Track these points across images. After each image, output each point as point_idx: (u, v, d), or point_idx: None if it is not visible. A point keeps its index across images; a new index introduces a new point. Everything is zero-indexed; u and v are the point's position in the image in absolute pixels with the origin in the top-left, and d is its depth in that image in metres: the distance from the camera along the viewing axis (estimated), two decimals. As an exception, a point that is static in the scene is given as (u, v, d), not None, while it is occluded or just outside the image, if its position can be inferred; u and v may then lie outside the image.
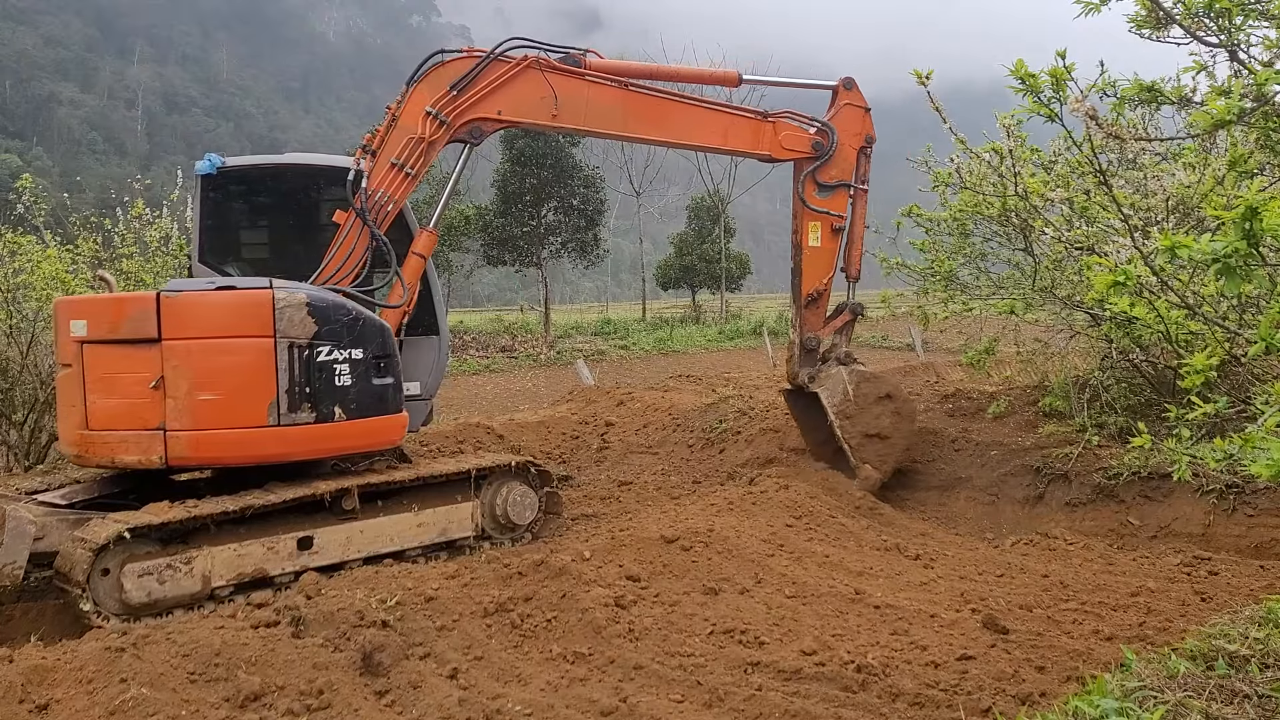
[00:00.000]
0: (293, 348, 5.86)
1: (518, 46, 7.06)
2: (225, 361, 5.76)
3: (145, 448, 5.70)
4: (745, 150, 7.80)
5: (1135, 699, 3.06)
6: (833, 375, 7.75)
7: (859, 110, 7.80)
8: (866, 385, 7.76)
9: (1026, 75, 3.82)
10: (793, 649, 4.54)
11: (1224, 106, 3.17)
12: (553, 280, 36.76)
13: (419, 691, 4.24)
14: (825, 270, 7.85)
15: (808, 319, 7.90)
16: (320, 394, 5.97)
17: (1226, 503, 6.51)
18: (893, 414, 7.72)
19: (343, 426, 6.08)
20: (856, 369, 7.84)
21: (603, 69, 7.23)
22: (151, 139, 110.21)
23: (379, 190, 6.63)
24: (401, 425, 6.50)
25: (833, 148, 7.67)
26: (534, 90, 6.99)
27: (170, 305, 5.73)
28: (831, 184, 7.74)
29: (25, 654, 4.45)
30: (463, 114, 6.82)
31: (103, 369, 5.82)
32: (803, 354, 7.90)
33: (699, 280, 38.46)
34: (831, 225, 7.78)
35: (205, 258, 7.07)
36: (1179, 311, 4.19)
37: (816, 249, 7.78)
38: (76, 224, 11.37)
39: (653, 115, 7.38)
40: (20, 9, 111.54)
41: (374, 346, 6.21)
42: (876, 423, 7.66)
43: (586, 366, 19.00)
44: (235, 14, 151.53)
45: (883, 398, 7.74)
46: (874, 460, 7.63)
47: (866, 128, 7.83)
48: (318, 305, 5.99)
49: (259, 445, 5.83)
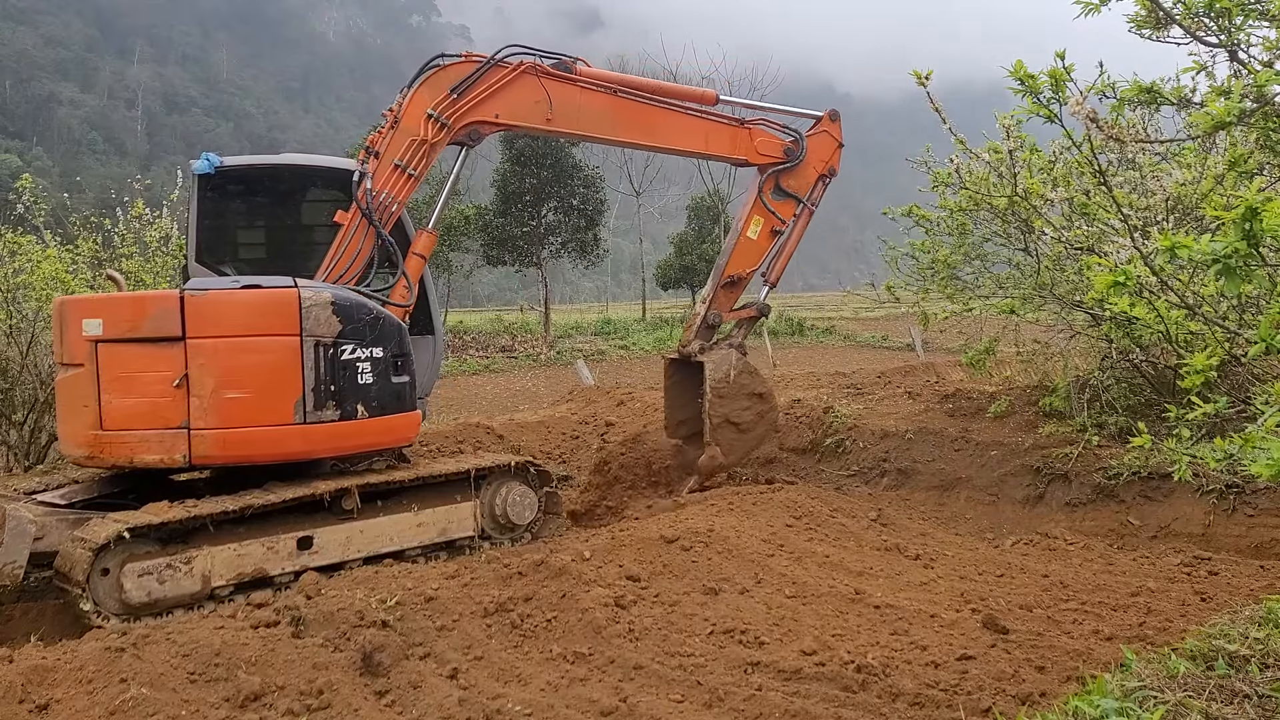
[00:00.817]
0: (318, 346, 5.93)
1: (516, 53, 7.21)
2: (252, 360, 5.80)
3: (168, 446, 5.72)
4: (724, 155, 8.18)
5: (1135, 699, 3.06)
6: (724, 354, 8.04)
7: (833, 142, 8.31)
8: (746, 377, 8.07)
9: (1026, 76, 3.82)
10: (793, 649, 4.54)
11: (1224, 107, 3.17)
12: (553, 280, 36.76)
13: (419, 691, 4.24)
14: (752, 262, 8.23)
15: (719, 298, 8.20)
16: (344, 392, 6.04)
17: (1226, 503, 6.51)
18: (758, 413, 8.06)
19: (365, 424, 6.16)
20: (745, 360, 8.15)
21: (592, 76, 7.46)
22: (151, 139, 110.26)
23: (383, 191, 6.70)
24: (416, 422, 6.58)
25: (801, 155, 8.12)
26: (530, 95, 7.15)
27: (195, 304, 5.75)
28: (788, 191, 8.18)
29: (25, 654, 4.45)
30: (462, 116, 6.92)
31: (120, 368, 5.80)
32: (702, 328, 8.18)
33: (699, 280, 38.38)
34: (772, 226, 8.18)
35: (202, 257, 7.07)
36: (1179, 311, 4.19)
37: (752, 240, 8.17)
38: (76, 224, 11.38)
39: (640, 121, 7.65)
40: (20, 9, 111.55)
41: (393, 345, 6.30)
42: (741, 413, 7.98)
43: (586, 366, 19.02)
44: (235, 14, 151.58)
45: (755, 395, 8.07)
46: (725, 445, 7.92)
47: (833, 160, 8.34)
48: (342, 304, 6.06)
49: (284, 443, 5.89)
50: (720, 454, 7.90)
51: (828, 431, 9.52)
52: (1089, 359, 8.78)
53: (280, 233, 7.60)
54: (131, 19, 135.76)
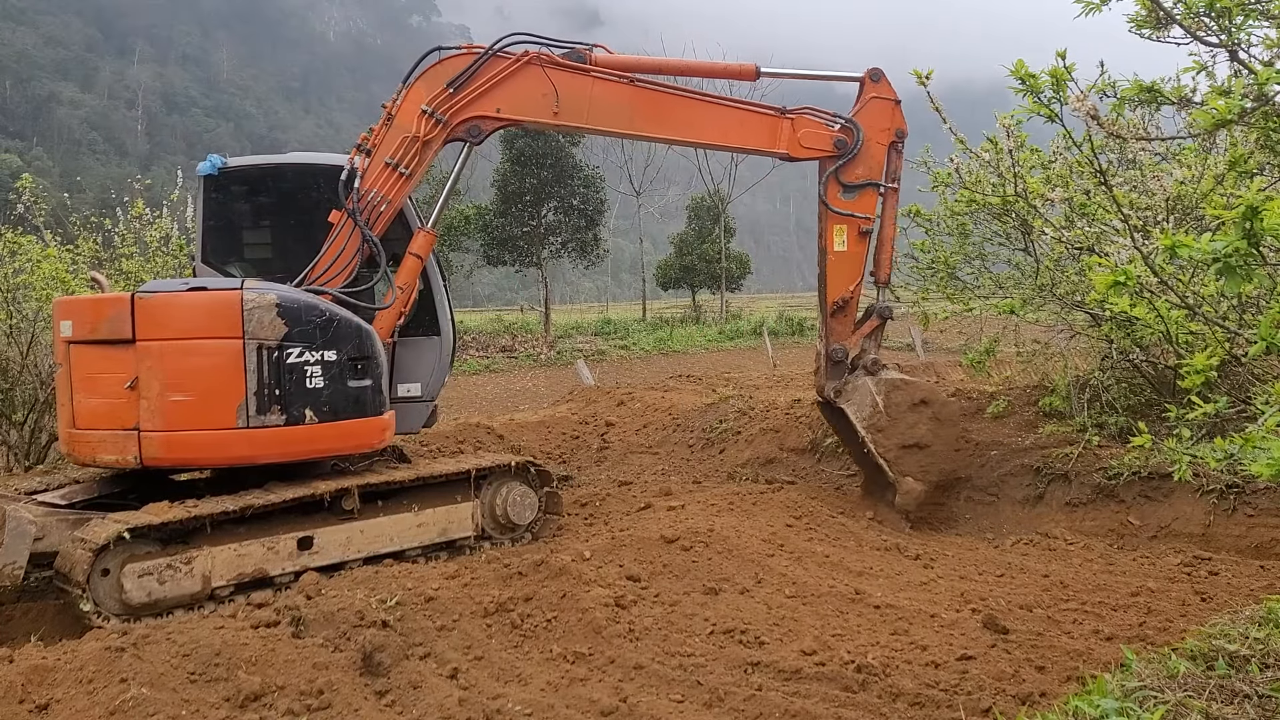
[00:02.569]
0: (261, 349, 5.79)
1: (519, 42, 6.84)
2: (195, 363, 5.74)
3: (122, 448, 5.73)
4: (761, 149, 7.33)
5: (1135, 699, 3.06)
6: (859, 387, 7.18)
7: (888, 103, 7.18)
8: (898, 393, 7.15)
9: (1027, 75, 3.82)
10: (793, 649, 4.54)
11: (1225, 105, 3.17)
12: (553, 280, 36.75)
13: (419, 691, 4.25)
14: (852, 276, 7.24)
15: (834, 328, 7.32)
16: (290, 396, 5.87)
17: (1227, 503, 6.50)
18: (930, 420, 7.17)
19: (315, 429, 5.96)
20: (886, 376, 7.23)
21: (610, 64, 6.90)
22: (151, 139, 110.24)
23: (372, 190, 6.54)
24: (381, 428, 6.36)
25: (857, 145, 7.09)
26: (534, 87, 6.74)
27: (143, 306, 5.74)
28: (857, 184, 7.15)
29: (25, 654, 4.45)
30: (460, 112, 6.68)
31: (86, 369, 5.89)
32: (829, 365, 7.31)
33: (699, 280, 38.47)
34: (859, 228, 7.18)
35: (208, 258, 7.07)
36: (1179, 311, 4.20)
37: (842, 254, 7.20)
38: (76, 224, 11.37)
39: (661, 113, 7.02)
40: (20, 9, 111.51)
41: (349, 348, 6.10)
42: (913, 432, 7.10)
43: (586, 366, 19.02)
44: (235, 14, 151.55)
45: (917, 404, 7.17)
46: (915, 472, 7.12)
47: (896, 121, 7.21)
48: (288, 306, 5.90)
49: (228, 447, 5.79)
50: (915, 482, 7.11)
51: (828, 431, 9.51)
52: (1089, 359, 8.78)
53: (286, 232, 7.58)
54: (131, 19, 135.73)
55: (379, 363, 6.29)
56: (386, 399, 6.42)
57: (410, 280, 6.74)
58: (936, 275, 8.89)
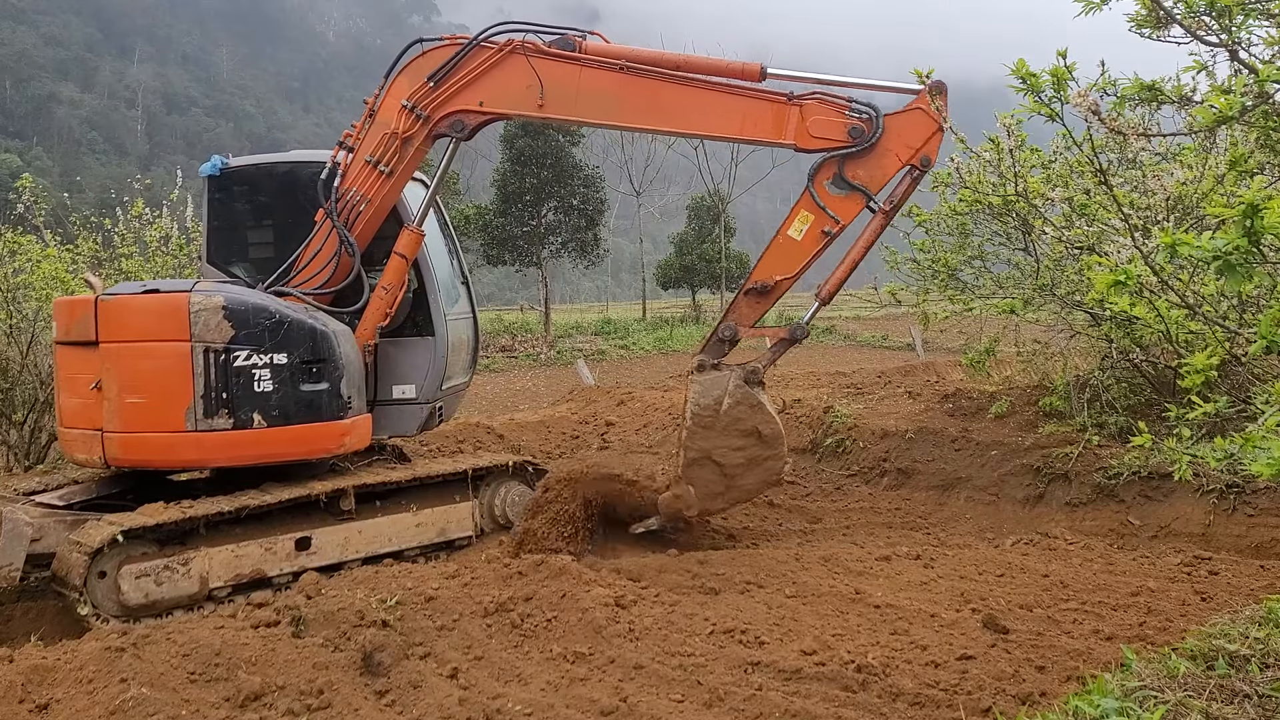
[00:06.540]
0: (208, 352, 5.77)
1: (504, 30, 6.48)
2: (147, 365, 5.80)
3: (90, 447, 5.84)
4: (767, 139, 6.48)
5: (1135, 699, 3.05)
6: (719, 377, 6.27)
7: (928, 123, 6.18)
8: (744, 409, 6.18)
9: (1027, 74, 3.82)
10: (793, 649, 4.54)
11: (1226, 102, 3.16)
12: (553, 280, 36.74)
13: (419, 691, 4.24)
14: (788, 267, 6.38)
15: (740, 307, 6.46)
16: (238, 400, 5.82)
17: (1227, 502, 6.50)
18: (751, 457, 6.21)
19: (263, 434, 5.88)
20: (751, 389, 6.26)
21: (602, 53, 6.40)
22: (151, 139, 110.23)
23: (352, 189, 6.42)
24: (340, 433, 6.17)
25: (874, 138, 6.17)
26: (518, 78, 6.31)
27: (104, 309, 5.82)
28: (852, 183, 6.25)
29: (25, 654, 4.45)
30: (440, 106, 6.40)
31: (66, 369, 6.04)
32: (713, 342, 6.47)
33: (699, 280, 38.45)
34: (824, 227, 6.31)
35: (213, 259, 7.06)
36: (1179, 311, 4.19)
37: (792, 241, 6.36)
38: (76, 224, 11.38)
39: (654, 102, 6.37)
40: (20, 9, 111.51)
41: (302, 351, 5.99)
42: (730, 453, 6.17)
43: (586, 366, 19.01)
44: (235, 14, 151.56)
45: (752, 432, 6.19)
46: (700, 487, 6.18)
47: (927, 147, 6.21)
48: (235, 309, 5.84)
49: (177, 450, 5.81)
50: (690, 496, 6.17)
51: (828, 431, 9.51)
52: (1089, 359, 8.78)
53: (289, 230, 7.57)
54: (131, 19, 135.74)
55: (337, 365, 6.12)
56: (354, 403, 6.26)
57: (394, 281, 6.56)
58: (937, 275, 8.89)
